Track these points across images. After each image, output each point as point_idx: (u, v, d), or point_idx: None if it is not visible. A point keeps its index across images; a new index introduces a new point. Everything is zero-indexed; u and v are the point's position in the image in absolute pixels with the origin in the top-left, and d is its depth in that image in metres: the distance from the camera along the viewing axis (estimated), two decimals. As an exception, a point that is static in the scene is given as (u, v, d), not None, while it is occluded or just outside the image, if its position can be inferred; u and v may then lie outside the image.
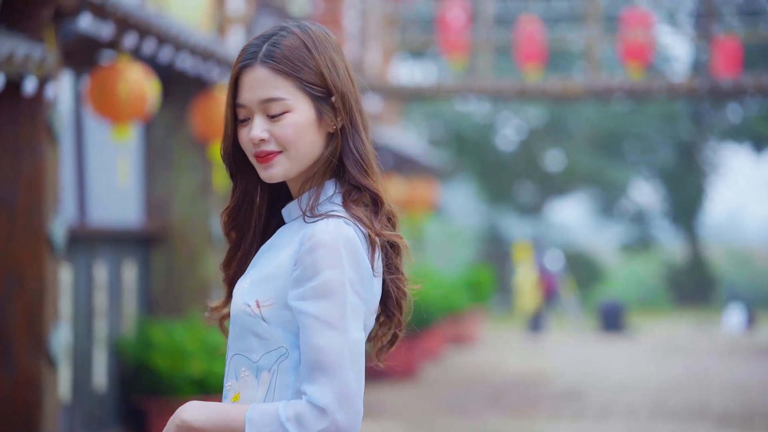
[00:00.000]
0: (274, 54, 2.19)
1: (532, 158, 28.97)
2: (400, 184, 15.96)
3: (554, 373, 13.95)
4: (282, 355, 2.17)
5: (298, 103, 2.19)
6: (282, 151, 2.20)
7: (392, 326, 2.35)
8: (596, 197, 30.05)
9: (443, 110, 28.34)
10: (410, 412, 10.83)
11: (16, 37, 6.21)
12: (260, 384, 2.17)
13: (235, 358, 2.20)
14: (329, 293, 2.12)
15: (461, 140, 28.64)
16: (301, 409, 2.08)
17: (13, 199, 6.36)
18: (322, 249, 2.13)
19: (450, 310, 15.28)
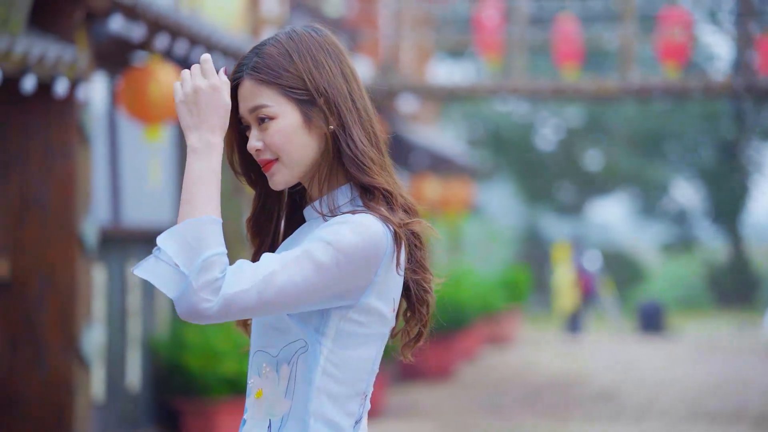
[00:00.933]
0: (257, 65, 2.22)
1: (572, 158, 28.85)
2: (436, 183, 15.94)
3: (591, 374, 13.88)
4: (302, 347, 2.17)
5: (282, 109, 2.20)
6: (277, 158, 2.22)
7: (417, 322, 2.30)
8: (637, 197, 29.89)
9: (482, 110, 28.29)
10: (444, 412, 10.82)
11: (47, 38, 6.26)
12: (280, 378, 2.18)
13: (257, 355, 2.22)
14: (325, 244, 2.10)
15: (500, 140, 28.58)
16: (219, 274, 2.04)
17: (45, 200, 6.41)
18: (357, 225, 2.13)
19: (486, 310, 15.25)
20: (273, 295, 2.06)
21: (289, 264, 2.08)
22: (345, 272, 2.12)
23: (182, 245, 2.05)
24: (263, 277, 2.06)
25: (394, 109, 14.27)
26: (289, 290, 2.07)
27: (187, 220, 2.07)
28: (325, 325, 2.18)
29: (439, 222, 18.89)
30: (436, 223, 19.09)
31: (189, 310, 2.03)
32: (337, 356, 2.18)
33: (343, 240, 2.11)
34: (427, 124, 18.16)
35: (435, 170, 17.10)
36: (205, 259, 2.03)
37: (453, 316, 12.89)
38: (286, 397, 2.18)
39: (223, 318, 2.04)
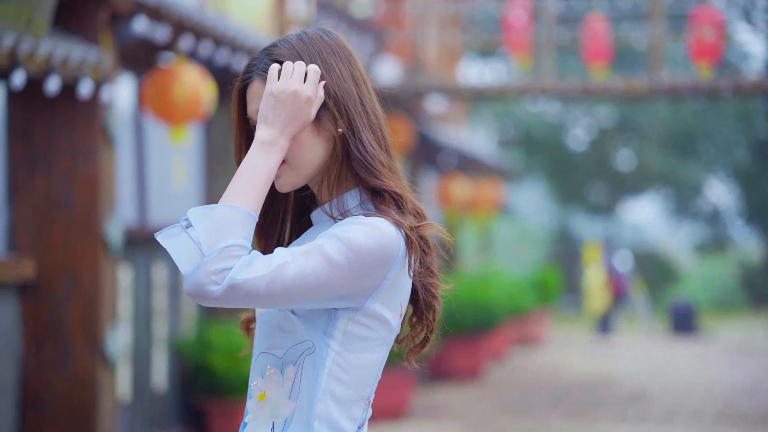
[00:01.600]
0: (267, 66, 2.22)
1: (604, 158, 28.72)
2: (465, 184, 15.91)
3: (620, 375, 13.81)
4: (308, 348, 2.16)
5: None
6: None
7: (424, 328, 2.30)
8: (670, 197, 29.72)
9: (513, 110, 28.22)
10: (471, 413, 10.79)
11: (71, 40, 6.29)
12: (285, 379, 2.17)
13: (261, 357, 2.21)
14: (337, 241, 2.09)
15: (531, 140, 28.50)
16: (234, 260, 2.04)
17: (69, 201, 6.44)
18: (371, 227, 2.12)
19: (515, 310, 15.20)
20: (281, 286, 2.05)
21: (300, 257, 2.07)
22: (354, 272, 2.10)
23: (211, 226, 2.05)
24: (274, 267, 2.05)
25: (422, 110, 14.25)
26: (297, 283, 2.06)
27: (226, 204, 2.07)
28: (332, 326, 2.16)
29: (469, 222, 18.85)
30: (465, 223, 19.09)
31: (195, 289, 2.02)
32: (344, 359, 2.17)
33: (355, 239, 2.10)
34: (456, 125, 18.13)
35: (464, 170, 17.07)
36: (228, 247, 2.03)
37: (481, 317, 12.86)
38: (290, 398, 2.17)
39: (227, 302, 2.03)
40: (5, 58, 5.60)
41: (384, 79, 11.57)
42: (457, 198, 15.35)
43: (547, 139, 28.65)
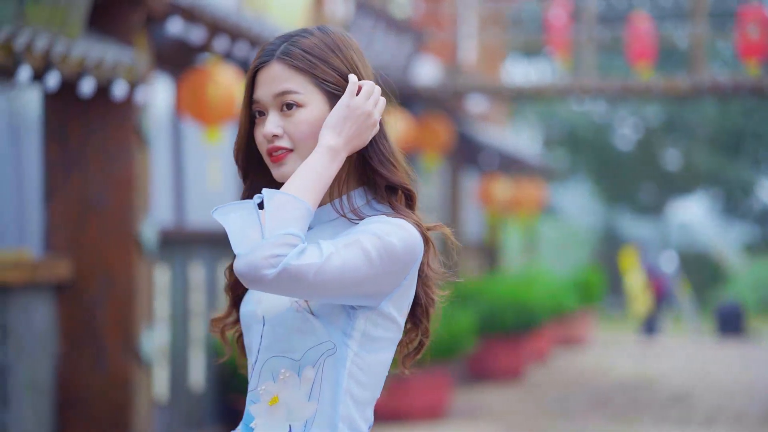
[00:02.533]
0: (290, 51, 2.19)
1: (651, 157, 28.50)
2: (506, 184, 15.85)
3: (663, 377, 13.70)
4: (329, 350, 2.14)
5: (312, 98, 2.18)
6: (293, 149, 2.18)
7: (419, 333, 2.29)
8: (718, 197, 29.44)
9: (558, 110, 28.08)
10: (511, 414, 10.74)
11: (106, 42, 6.33)
12: (303, 382, 2.14)
13: (272, 361, 2.16)
14: (376, 238, 2.09)
15: (577, 140, 28.34)
16: (305, 246, 2.05)
17: (104, 202, 6.48)
18: (401, 228, 2.12)
19: (558, 311, 15.12)
20: (328, 276, 2.04)
21: (343, 250, 2.07)
22: (386, 271, 2.10)
23: (275, 213, 2.05)
24: (325, 256, 2.04)
25: (462, 110, 14.21)
26: (340, 275, 2.05)
27: (292, 195, 2.07)
28: (351, 327, 2.15)
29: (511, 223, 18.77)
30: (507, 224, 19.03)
31: (250, 270, 2.01)
32: (362, 360, 2.16)
33: (391, 239, 2.10)
34: (499, 125, 18.07)
35: (506, 170, 17.00)
36: (287, 234, 2.03)
37: (523, 317, 12.80)
38: (310, 400, 2.15)
39: (277, 286, 2.02)
40: (39, 60, 5.64)
41: (423, 80, 11.55)
42: (498, 198, 15.29)
43: (593, 139, 28.48)
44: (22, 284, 6.08)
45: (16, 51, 5.43)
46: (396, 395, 9.89)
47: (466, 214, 15.44)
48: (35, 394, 6.27)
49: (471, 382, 12.74)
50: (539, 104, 26.51)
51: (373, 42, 9.80)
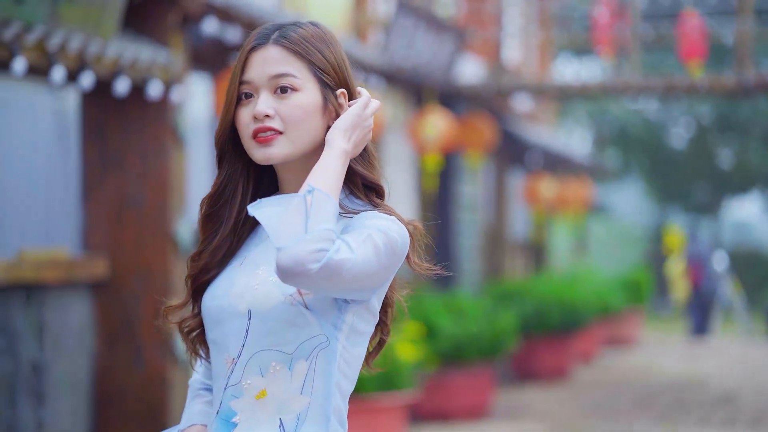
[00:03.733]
0: (288, 36, 2.21)
1: (705, 156, 28.20)
2: (552, 183, 15.77)
3: (711, 377, 13.55)
4: (322, 343, 2.15)
5: (306, 84, 2.20)
6: (283, 132, 2.19)
7: (378, 332, 2.31)
8: (774, 195, 29.09)
9: (610, 108, 27.89)
10: (555, 414, 10.68)
11: (141, 42, 6.37)
12: (294, 375, 2.14)
13: (261, 355, 2.16)
14: (382, 234, 2.12)
15: (629, 138, 28.13)
16: (330, 246, 2.05)
17: (141, 200, 6.53)
18: (396, 224, 2.16)
19: (604, 310, 15.02)
20: (356, 271, 2.06)
21: (362, 245, 2.09)
22: (387, 265, 2.14)
23: (318, 207, 2.06)
24: (355, 251, 2.06)
25: (508, 109, 14.16)
26: (361, 269, 2.08)
27: (326, 192, 2.08)
28: (342, 321, 2.17)
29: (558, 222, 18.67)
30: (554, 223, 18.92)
31: (295, 264, 2.02)
32: (348, 353, 2.18)
33: (393, 234, 2.13)
34: (546, 124, 17.99)
35: (552, 169, 16.93)
36: (328, 229, 2.04)
37: (568, 317, 12.72)
38: (302, 393, 2.15)
39: (319, 280, 2.03)
40: (73, 60, 5.70)
41: (466, 79, 11.51)
42: (544, 197, 15.22)
43: (646, 138, 28.24)
44: (59, 283, 6.14)
45: (50, 51, 5.49)
46: (438, 394, 9.87)
47: (512, 214, 15.38)
48: (72, 392, 6.32)
49: (515, 381, 12.68)
50: (590, 103, 26.35)
51: (414, 41, 9.79)
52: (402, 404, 8.18)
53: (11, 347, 5.82)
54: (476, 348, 9.88)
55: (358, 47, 9.05)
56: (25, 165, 6.70)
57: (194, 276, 2.29)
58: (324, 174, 2.10)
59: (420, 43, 9.90)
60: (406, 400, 8.22)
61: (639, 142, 28.17)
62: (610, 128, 28.48)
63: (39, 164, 6.69)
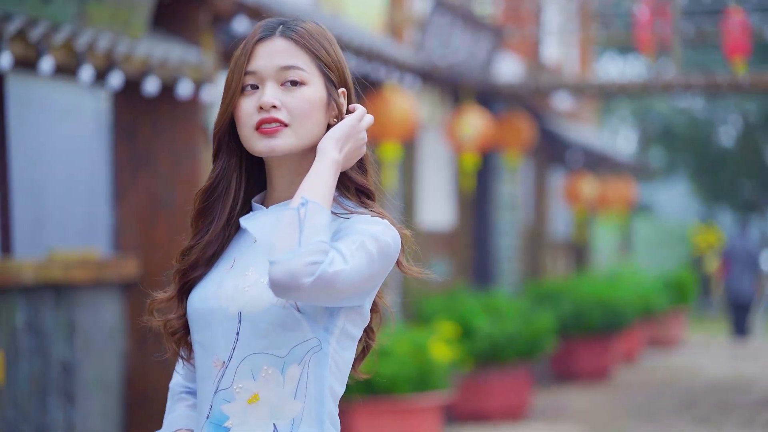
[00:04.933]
0: (296, 30, 2.21)
1: (753, 154, 27.87)
2: (593, 182, 15.63)
3: (754, 379, 13.38)
4: (314, 347, 2.12)
5: (313, 78, 2.18)
6: (288, 125, 2.15)
7: (364, 337, 2.27)
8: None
9: (656, 106, 27.64)
10: (595, 415, 10.58)
11: (171, 41, 6.36)
12: (287, 379, 2.11)
13: (254, 358, 2.12)
14: (374, 240, 2.08)
15: (674, 136, 27.86)
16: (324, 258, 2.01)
17: (171, 200, 6.51)
18: (389, 228, 2.12)
19: (646, 311, 14.87)
20: (350, 281, 2.04)
21: (356, 253, 2.06)
22: (380, 270, 2.11)
23: (311, 219, 2.03)
24: (349, 262, 2.03)
25: (548, 107, 14.05)
26: (355, 279, 2.05)
27: (319, 203, 2.04)
28: (333, 324, 2.14)
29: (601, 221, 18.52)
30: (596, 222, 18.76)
31: (289, 278, 1.98)
32: (339, 356, 2.15)
33: (386, 239, 2.10)
34: (587, 122, 17.85)
35: (594, 168, 16.78)
36: (322, 241, 2.01)
37: (609, 317, 12.60)
38: (296, 398, 2.12)
39: (313, 294, 2.00)
40: (102, 60, 5.69)
41: (504, 77, 11.43)
42: (585, 197, 15.09)
43: (691, 136, 27.97)
44: (90, 283, 6.14)
45: (78, 51, 5.48)
46: (474, 395, 9.81)
47: (552, 213, 15.27)
48: (103, 392, 6.32)
49: (555, 382, 12.58)
50: (634, 101, 26.14)
51: (450, 39, 9.72)
52: (437, 405, 8.13)
53: (41, 347, 5.82)
54: (513, 348, 9.80)
55: (394, 46, 8.99)
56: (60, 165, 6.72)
57: (183, 272, 2.26)
58: (316, 184, 2.07)
59: (457, 42, 9.83)
60: (441, 400, 8.16)
61: (685, 140, 27.90)
62: (655, 126, 28.24)
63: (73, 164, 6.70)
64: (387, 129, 8.35)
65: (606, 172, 17.33)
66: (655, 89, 11.13)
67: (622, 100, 24.45)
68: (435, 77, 9.75)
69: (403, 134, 8.47)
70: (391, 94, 8.36)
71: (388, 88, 8.42)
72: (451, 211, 11.39)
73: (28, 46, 5.23)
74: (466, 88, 10.32)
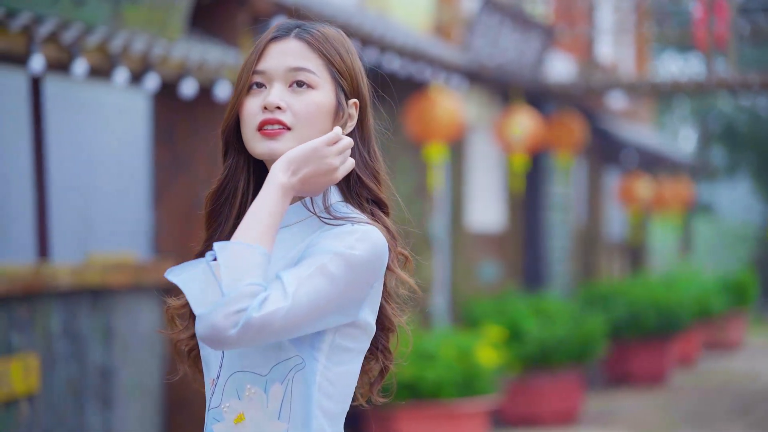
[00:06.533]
0: (311, 32, 2.12)
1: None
2: (648, 182, 15.40)
3: (816, 384, 13.09)
4: (297, 365, 2.04)
5: (323, 83, 2.09)
6: (291, 128, 2.07)
7: (382, 358, 2.18)
8: None
9: (717, 104, 27.26)
10: (647, 420, 10.39)
11: (209, 42, 6.30)
12: (270, 399, 2.04)
13: (236, 377, 2.05)
14: (336, 256, 1.98)
15: (736, 135, 27.45)
16: (264, 294, 1.93)
17: (210, 203, 6.45)
18: (365, 236, 2.02)
19: (705, 314, 14.61)
20: (296, 316, 1.94)
21: (306, 281, 1.96)
22: (351, 284, 2.00)
23: (232, 265, 1.93)
24: (290, 297, 1.93)
25: (602, 107, 13.85)
26: (309, 309, 1.96)
27: (248, 243, 1.95)
28: (320, 340, 2.05)
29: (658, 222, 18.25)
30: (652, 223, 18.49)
31: (212, 332, 1.90)
32: (331, 372, 2.06)
33: (353, 252, 1.99)
34: (644, 122, 17.60)
35: (651, 168, 16.55)
36: (248, 285, 1.92)
37: (665, 320, 12.39)
38: (280, 419, 2.04)
39: (244, 343, 1.92)
40: (137, 62, 5.64)
41: (555, 77, 11.27)
42: (640, 197, 14.86)
43: (754, 134, 27.54)
44: (127, 287, 6.09)
45: (112, 53, 5.43)
46: (524, 399, 9.68)
47: (607, 214, 15.06)
48: (141, 397, 6.28)
49: (608, 386, 12.39)
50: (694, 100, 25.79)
51: (499, 39, 9.59)
52: (483, 409, 8.01)
53: (78, 352, 5.79)
54: (563, 352, 9.66)
55: (440, 46, 8.87)
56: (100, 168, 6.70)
57: None
58: (251, 220, 1.97)
59: (505, 41, 9.69)
60: (487, 405, 8.05)
61: (747, 138, 27.48)
62: (716, 125, 27.85)
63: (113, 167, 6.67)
64: (432, 130, 8.24)
65: (663, 171, 17.08)
66: (710, 87, 10.91)
67: (682, 99, 24.12)
68: (483, 77, 9.63)
69: (450, 135, 8.36)
70: (437, 94, 8.25)
71: (433, 89, 8.31)
72: (501, 213, 11.26)
73: (61, 49, 5.19)
74: (515, 88, 10.17)
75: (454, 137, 8.64)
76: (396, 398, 7.89)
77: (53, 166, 6.18)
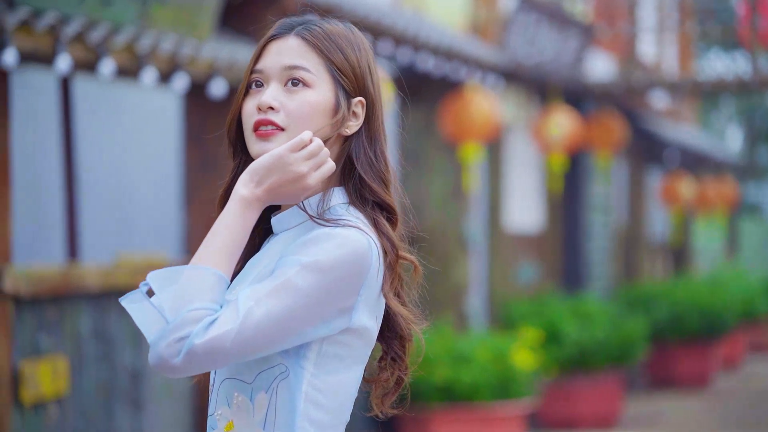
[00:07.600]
0: (312, 30, 2.07)
1: None
2: (691, 182, 15.20)
3: None
4: (282, 373, 1.98)
5: (321, 83, 2.02)
6: (285, 129, 2.01)
7: (396, 369, 2.10)
8: None
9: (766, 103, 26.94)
10: (690, 424, 10.24)
11: (239, 42, 6.26)
12: (256, 407, 1.99)
13: (226, 384, 2.01)
14: (301, 268, 1.91)
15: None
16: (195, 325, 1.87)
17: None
18: (344, 241, 1.94)
19: (751, 315, 14.41)
20: (251, 335, 1.88)
21: (265, 299, 1.89)
22: (328, 295, 1.93)
23: (177, 291, 1.89)
24: (241, 318, 1.87)
25: (644, 106, 13.69)
26: (268, 327, 1.89)
27: (196, 266, 1.90)
28: (306, 347, 1.98)
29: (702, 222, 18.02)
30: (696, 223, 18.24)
31: (159, 361, 1.87)
32: (320, 381, 1.98)
33: (322, 259, 1.92)
34: (687, 121, 17.40)
35: (694, 168, 16.35)
36: (192, 310, 1.87)
37: (709, 322, 12.22)
38: (265, 428, 1.98)
39: (192, 371, 1.87)
40: (165, 62, 5.60)
41: (595, 76, 11.15)
42: (683, 197, 14.68)
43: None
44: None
45: (140, 53, 5.40)
46: (562, 402, 9.57)
47: (649, 214, 14.89)
48: (171, 400, 6.24)
49: (650, 389, 12.24)
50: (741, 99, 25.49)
51: (536, 37, 9.48)
52: (519, 412, 7.92)
53: (108, 354, 5.76)
54: (602, 354, 9.54)
55: (476, 45, 8.78)
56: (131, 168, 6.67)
57: None
58: (210, 236, 1.93)
59: (543, 40, 9.59)
60: (523, 408, 7.95)
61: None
62: (763, 124, 27.53)
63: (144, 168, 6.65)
64: (468, 130, 8.15)
65: (707, 171, 16.87)
66: (754, 86, 10.74)
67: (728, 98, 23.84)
68: (520, 76, 9.53)
69: (485, 135, 8.26)
70: (472, 94, 8.16)
71: (468, 88, 8.22)
72: (539, 213, 11.14)
73: (87, 49, 5.16)
74: (553, 88, 10.06)
75: (490, 137, 8.54)
76: (429, 401, 7.82)
77: (83, 167, 6.16)
